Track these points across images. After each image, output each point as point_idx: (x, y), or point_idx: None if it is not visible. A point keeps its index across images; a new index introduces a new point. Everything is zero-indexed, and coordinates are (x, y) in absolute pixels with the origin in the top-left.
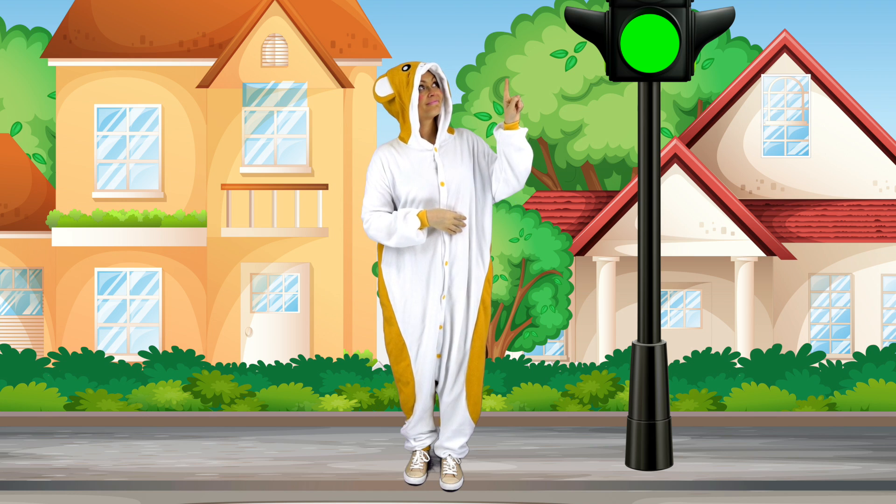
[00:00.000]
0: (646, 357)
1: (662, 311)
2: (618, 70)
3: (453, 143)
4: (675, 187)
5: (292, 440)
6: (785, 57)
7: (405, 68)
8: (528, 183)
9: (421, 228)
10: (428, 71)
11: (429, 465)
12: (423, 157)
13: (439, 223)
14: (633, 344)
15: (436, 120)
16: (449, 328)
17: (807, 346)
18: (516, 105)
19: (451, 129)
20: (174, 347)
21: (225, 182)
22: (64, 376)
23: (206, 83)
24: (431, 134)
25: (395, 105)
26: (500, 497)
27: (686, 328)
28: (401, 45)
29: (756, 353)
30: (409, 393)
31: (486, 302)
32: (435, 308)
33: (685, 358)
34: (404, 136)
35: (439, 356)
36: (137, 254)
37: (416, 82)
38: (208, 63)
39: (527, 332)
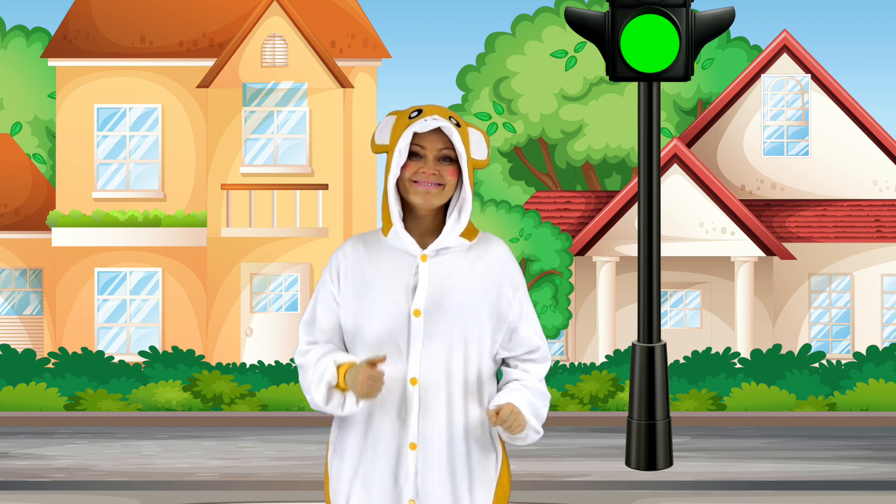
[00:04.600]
0: (646, 357)
1: (662, 311)
2: (618, 70)
3: (464, 255)
4: (675, 187)
5: (292, 440)
6: (785, 57)
7: (413, 114)
8: (528, 183)
9: (339, 389)
10: (438, 130)
11: None
12: (400, 263)
13: (353, 385)
14: (633, 344)
15: (446, 211)
16: None
17: (807, 346)
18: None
19: (472, 231)
20: (174, 347)
21: (225, 182)
22: (64, 376)
23: (206, 83)
24: (433, 230)
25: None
26: None
27: (686, 328)
28: (401, 45)
29: (756, 353)
30: None
31: None
32: None
33: (685, 358)
34: (385, 226)
35: None
36: (137, 254)
37: (405, 142)
38: (208, 63)
39: None
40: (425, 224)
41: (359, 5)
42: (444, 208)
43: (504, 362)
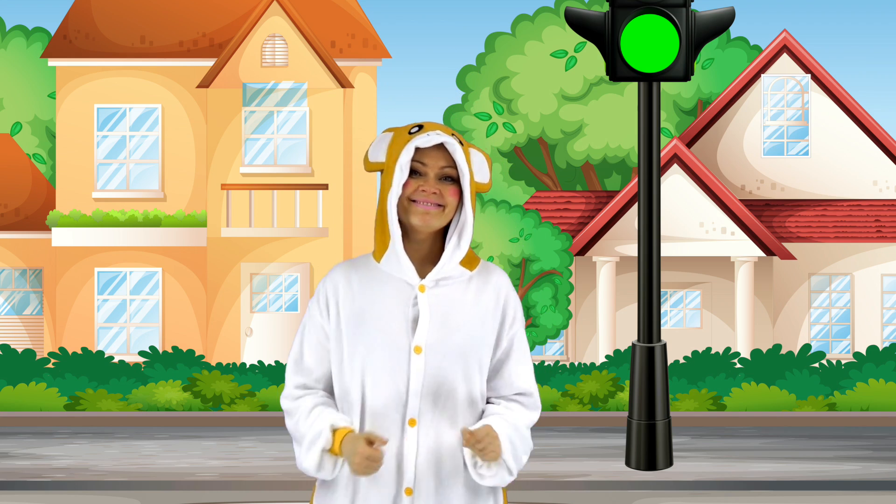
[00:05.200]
0: (646, 357)
1: (662, 311)
2: (618, 70)
3: (465, 286)
4: (675, 187)
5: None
6: (785, 57)
7: (413, 129)
8: (528, 183)
9: (333, 453)
10: (441, 147)
11: None
12: (397, 293)
13: (349, 456)
14: (633, 344)
15: (445, 237)
16: None
17: (807, 346)
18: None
19: (473, 260)
20: (174, 347)
21: (225, 182)
22: (64, 376)
23: (206, 83)
24: (430, 257)
25: (384, 183)
26: None
27: (686, 328)
28: (401, 45)
29: (756, 353)
30: None
31: None
32: None
33: (685, 358)
34: (378, 250)
35: None
36: (137, 254)
37: (407, 157)
38: (208, 63)
39: (527, 332)
40: (423, 250)
41: (359, 5)
42: (442, 234)
43: (488, 401)
